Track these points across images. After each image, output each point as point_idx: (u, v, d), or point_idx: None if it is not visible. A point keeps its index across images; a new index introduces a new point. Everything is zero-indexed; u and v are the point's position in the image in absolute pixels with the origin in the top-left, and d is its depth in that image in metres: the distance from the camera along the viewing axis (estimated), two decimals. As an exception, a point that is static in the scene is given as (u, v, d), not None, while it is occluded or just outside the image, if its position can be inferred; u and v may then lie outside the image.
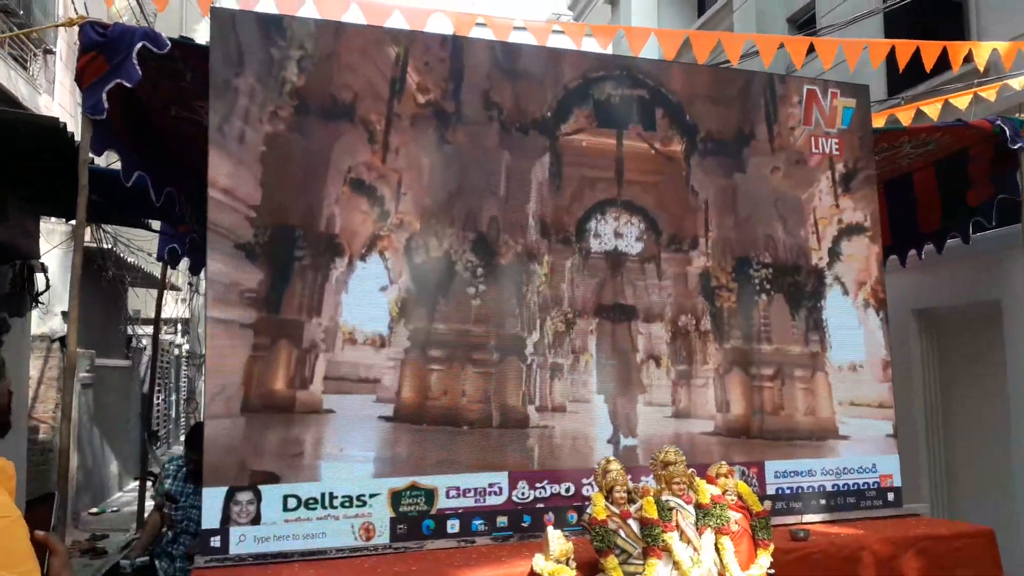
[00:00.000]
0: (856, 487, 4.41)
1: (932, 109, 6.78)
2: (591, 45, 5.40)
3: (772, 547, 3.41)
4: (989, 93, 6.70)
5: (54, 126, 4.32)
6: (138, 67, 3.53)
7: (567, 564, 3.10)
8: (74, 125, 3.76)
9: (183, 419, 17.09)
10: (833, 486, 4.36)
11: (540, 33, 5.14)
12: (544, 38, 5.08)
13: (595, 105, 4.14)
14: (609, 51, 6.65)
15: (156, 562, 4.45)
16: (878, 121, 7.02)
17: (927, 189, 5.80)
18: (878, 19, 9.42)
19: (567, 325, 3.98)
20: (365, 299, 3.66)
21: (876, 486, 4.45)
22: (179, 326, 16.78)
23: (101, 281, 10.20)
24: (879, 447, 4.47)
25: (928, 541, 3.85)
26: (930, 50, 5.72)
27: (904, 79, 8.37)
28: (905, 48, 5.68)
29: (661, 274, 4.19)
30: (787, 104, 4.57)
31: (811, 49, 5.61)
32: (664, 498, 3.36)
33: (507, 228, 3.90)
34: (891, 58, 5.67)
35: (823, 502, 4.33)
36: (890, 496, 4.47)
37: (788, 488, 4.29)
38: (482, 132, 3.90)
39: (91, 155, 3.70)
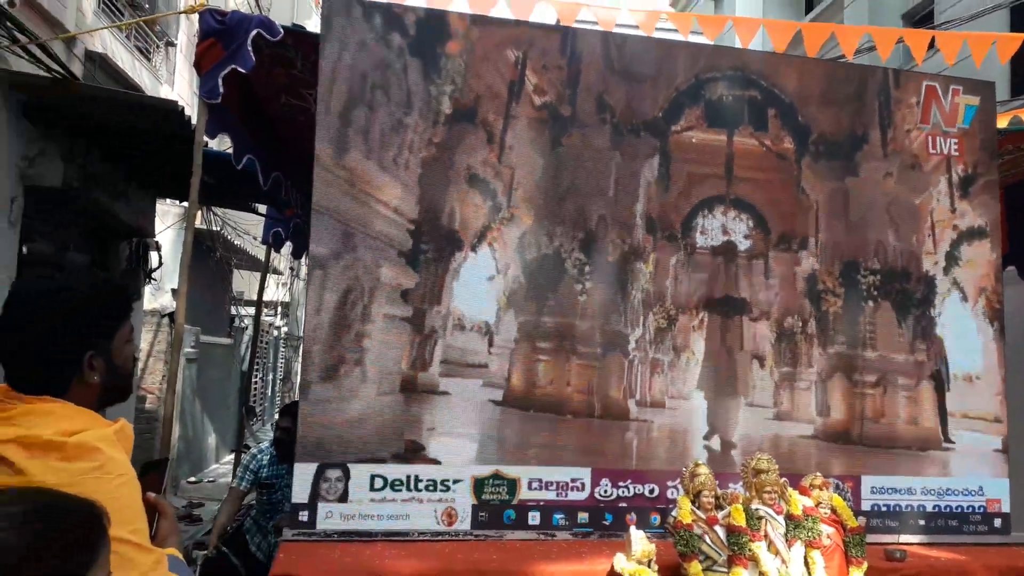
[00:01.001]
0: (960, 510, 4.16)
1: (1064, 111, 6.29)
2: (697, 40, 5.27)
3: (866, 565, 3.25)
4: None
5: (173, 109, 4.55)
6: (252, 54, 3.68)
7: (648, 566, 3.04)
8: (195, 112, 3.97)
9: (279, 397, 17.76)
10: (934, 507, 4.13)
11: (646, 25, 5.03)
12: (650, 29, 4.98)
13: (706, 105, 4.12)
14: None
15: (248, 537, 4.60)
16: (1000, 122, 6.59)
17: (1054, 196, 5.40)
18: (1003, 15, 8.84)
19: (669, 322, 3.99)
20: (474, 287, 3.76)
21: (982, 510, 4.18)
22: (279, 308, 17.43)
23: (209, 262, 10.70)
24: (986, 463, 4.23)
25: (1039, 573, 3.59)
26: (1065, 47, 5.31)
27: (1032, 80, 7.83)
28: (1037, 44, 5.28)
29: (769, 272, 4.13)
30: (902, 105, 4.36)
31: (932, 44, 5.30)
32: (754, 506, 3.25)
33: (615, 227, 3.94)
34: (1018, 56, 5.28)
35: (922, 523, 4.10)
36: (997, 522, 4.19)
37: (885, 505, 4.08)
38: (594, 134, 3.95)
39: (205, 138, 3.88)
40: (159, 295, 9.47)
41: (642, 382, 3.93)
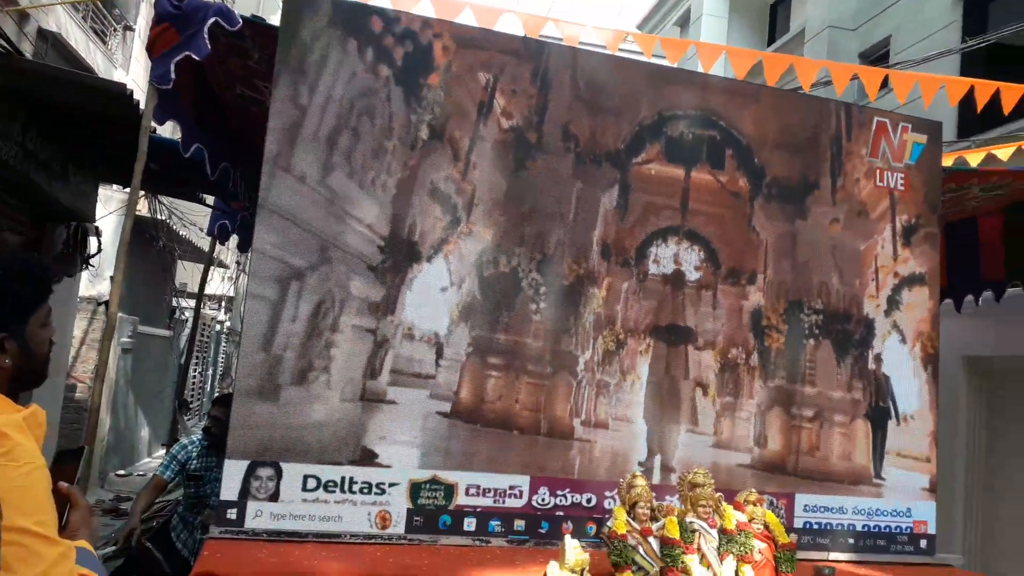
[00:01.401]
0: (888, 530, 4.27)
1: (1005, 153, 6.55)
2: (660, 63, 5.34)
3: (795, 582, 3.30)
4: (1065, 141, 6.45)
5: (120, 92, 4.42)
6: (208, 42, 3.59)
7: (581, 575, 3.03)
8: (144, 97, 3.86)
9: (217, 393, 17.38)
10: (864, 526, 4.23)
11: (611, 44, 5.08)
12: (614, 48, 5.03)
13: (667, 141, 4.21)
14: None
15: (173, 533, 4.47)
16: (946, 161, 6.82)
17: (993, 235, 5.61)
18: (954, 60, 9.18)
19: (617, 345, 4.04)
20: (427, 298, 3.75)
21: (909, 531, 4.30)
22: (222, 303, 17.08)
23: (151, 251, 10.43)
24: (914, 497, 4.35)
25: (959, 596, 3.70)
26: (1010, 93, 5.53)
27: (976, 122, 8.13)
28: (985, 89, 5.50)
29: (716, 304, 4.22)
30: (854, 156, 4.51)
31: (885, 83, 5.46)
32: (688, 519, 3.28)
33: (571, 252, 4.00)
34: (964, 101, 5.49)
35: (852, 541, 4.20)
36: (923, 543, 4.31)
37: (817, 523, 4.17)
38: (558, 161, 4.02)
39: (153, 124, 3.77)
40: (97, 282, 9.19)
41: (588, 403, 3.97)
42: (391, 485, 3.59)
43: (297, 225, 3.56)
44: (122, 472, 9.96)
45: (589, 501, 3.86)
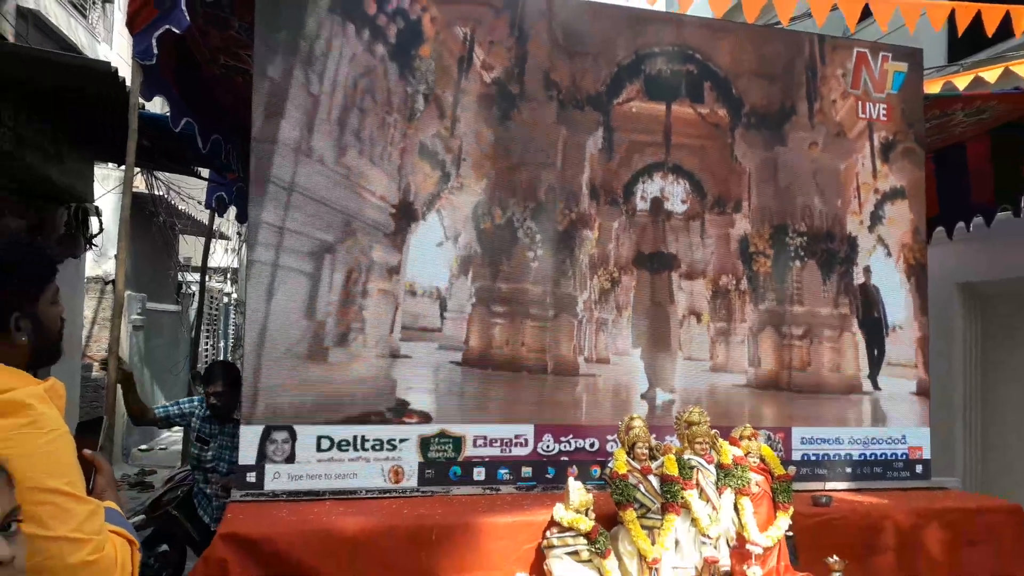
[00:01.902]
0: (884, 457, 4.41)
1: (992, 75, 6.51)
2: (639, 4, 5.30)
3: (791, 510, 3.44)
4: (1054, 61, 6.40)
5: (106, 71, 4.44)
6: (187, 14, 3.61)
7: (586, 515, 3.17)
8: (130, 74, 3.88)
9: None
10: (860, 455, 4.37)
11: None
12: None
13: (646, 79, 4.28)
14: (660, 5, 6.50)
15: (196, 501, 4.60)
16: (934, 87, 6.79)
17: (980, 160, 5.63)
18: (943, -19, 9.04)
19: (612, 283, 4.19)
20: (425, 254, 3.89)
21: (904, 457, 4.44)
22: (228, 274, 17.18)
23: (152, 227, 10.50)
24: (906, 406, 4.50)
25: (954, 514, 3.84)
26: (992, 14, 5.48)
27: (966, 45, 8.03)
28: (966, 12, 5.45)
29: (704, 233, 4.34)
30: (829, 79, 4.57)
31: (869, 14, 5.42)
32: (686, 456, 3.41)
33: (563, 197, 4.11)
34: (951, 24, 5.45)
35: (849, 470, 4.35)
36: (919, 468, 4.46)
37: (814, 455, 4.32)
38: (542, 109, 4.10)
39: (141, 100, 3.81)
40: (102, 261, 9.29)
41: (589, 340, 4.13)
42: (402, 441, 3.73)
43: (324, 203, 3.72)
44: (144, 447, 10.20)
45: (592, 445, 4.01)
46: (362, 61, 3.82)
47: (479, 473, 3.84)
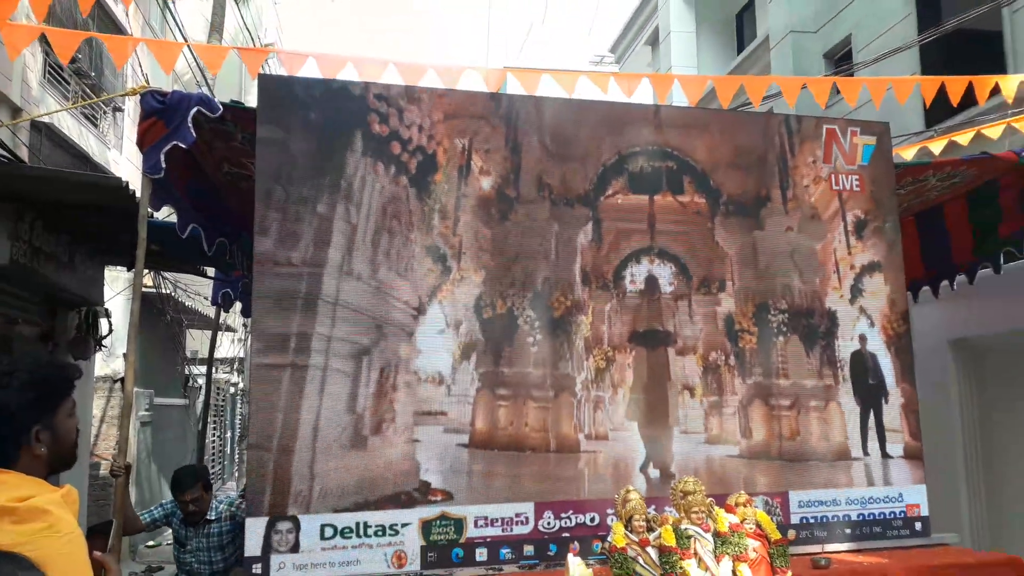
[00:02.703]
0: (882, 516, 4.46)
1: (964, 139, 6.78)
2: (617, 93, 5.62)
3: (789, 574, 3.49)
4: (1022, 124, 6.68)
5: (117, 185, 4.71)
6: (193, 130, 3.88)
7: (587, 590, 3.23)
8: (139, 179, 4.14)
9: (237, 455, 17.55)
10: (858, 515, 4.43)
11: (567, 82, 5.39)
12: (572, 86, 5.33)
13: (629, 176, 4.60)
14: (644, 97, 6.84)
15: None
16: (910, 152, 7.06)
17: (958, 220, 5.83)
18: (914, 52, 9.45)
19: (607, 362, 4.39)
20: (429, 342, 4.14)
21: (903, 515, 4.49)
22: (235, 365, 17.34)
23: (160, 324, 10.71)
24: (896, 470, 4.58)
25: (953, 570, 3.87)
26: (956, 85, 5.76)
27: (941, 111, 8.37)
28: (931, 84, 5.74)
29: (692, 313, 4.56)
30: (800, 166, 4.83)
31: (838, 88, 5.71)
32: (683, 526, 3.48)
33: (557, 286, 4.39)
34: (937, 91, 5.70)
35: (848, 531, 4.40)
36: (917, 526, 4.50)
37: (812, 517, 4.37)
38: (536, 209, 4.44)
39: (149, 210, 4.05)
40: (111, 360, 9.46)
41: (588, 417, 4.30)
42: (403, 525, 3.81)
43: (362, 312, 4.03)
44: (151, 543, 10.14)
45: (592, 520, 4.08)
46: (389, 191, 4.18)
47: (481, 554, 3.90)
